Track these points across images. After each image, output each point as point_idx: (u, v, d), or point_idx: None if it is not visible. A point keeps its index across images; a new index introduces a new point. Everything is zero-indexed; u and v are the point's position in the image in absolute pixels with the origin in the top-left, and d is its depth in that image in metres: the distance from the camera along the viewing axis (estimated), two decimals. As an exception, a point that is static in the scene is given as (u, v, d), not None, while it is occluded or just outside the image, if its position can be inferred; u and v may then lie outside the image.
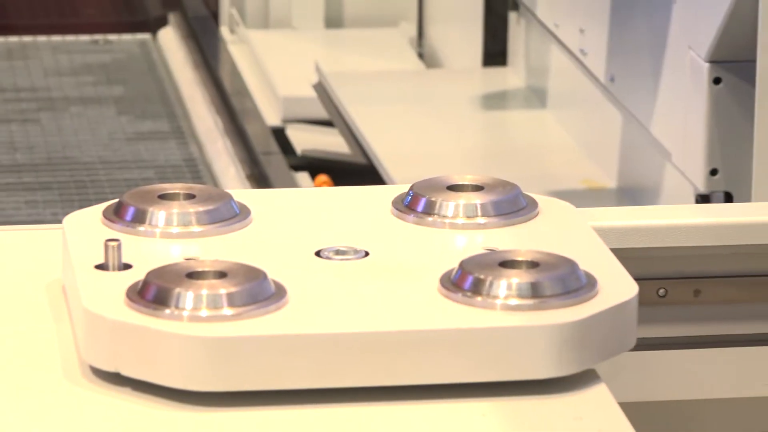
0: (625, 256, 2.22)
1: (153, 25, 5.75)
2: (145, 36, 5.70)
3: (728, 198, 3.30)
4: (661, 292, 2.49)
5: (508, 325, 2.03)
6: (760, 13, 2.93)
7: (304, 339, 2.01)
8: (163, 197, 2.27)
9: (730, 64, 3.26)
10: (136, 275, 2.07)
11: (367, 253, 2.20)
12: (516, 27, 4.73)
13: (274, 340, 2.00)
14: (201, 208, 2.26)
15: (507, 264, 2.09)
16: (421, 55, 5.33)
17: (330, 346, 2.01)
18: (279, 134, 4.74)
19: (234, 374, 1.99)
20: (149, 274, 2.06)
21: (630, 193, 3.86)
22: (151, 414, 1.98)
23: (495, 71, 4.83)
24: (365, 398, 2.01)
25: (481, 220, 2.28)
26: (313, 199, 2.68)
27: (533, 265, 2.09)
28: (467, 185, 2.32)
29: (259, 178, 4.42)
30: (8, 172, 4.74)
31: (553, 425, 1.98)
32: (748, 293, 2.55)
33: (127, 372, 2.02)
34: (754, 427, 2.55)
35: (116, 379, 2.03)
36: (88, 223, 2.24)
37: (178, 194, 2.28)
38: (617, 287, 2.11)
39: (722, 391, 2.53)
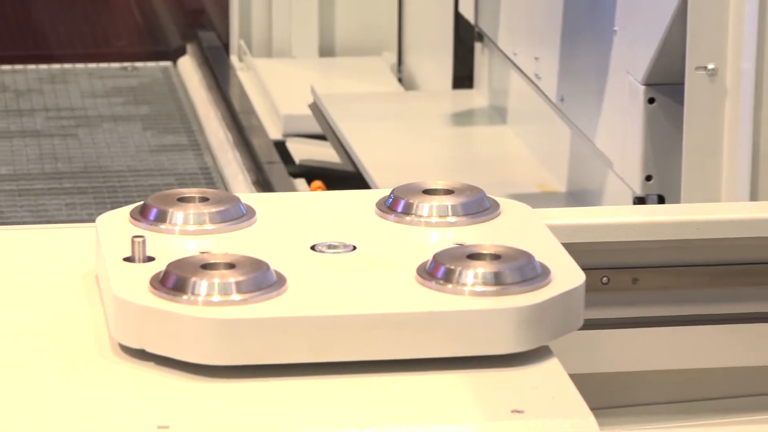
0: (573, 249, 2.22)
1: (173, 55, 5.74)
2: (167, 64, 5.70)
3: (661, 200, 3.30)
4: (604, 279, 2.49)
5: (475, 308, 2.04)
6: (688, 44, 2.93)
7: (301, 320, 2.02)
8: (182, 200, 2.27)
9: (662, 87, 3.27)
10: (158, 266, 2.08)
11: (354, 248, 2.20)
12: (480, 55, 4.72)
13: (276, 322, 2.01)
14: (213, 209, 2.26)
15: (473, 256, 2.10)
16: (400, 80, 5.33)
17: (323, 326, 2.02)
18: (280, 146, 4.74)
19: (241, 350, 2.00)
20: (169, 265, 2.06)
21: (577, 196, 3.85)
22: (171, 384, 1.98)
23: (463, 93, 4.82)
24: (353, 371, 2.01)
25: (452, 219, 2.28)
26: (308, 202, 2.68)
27: (496, 257, 2.10)
28: (439, 189, 2.32)
29: (263, 184, 4.42)
30: (51, 179, 4.73)
31: (513, 394, 1.97)
32: (679, 281, 2.55)
33: (150, 349, 2.02)
34: (684, 395, 2.55)
35: (141, 354, 2.03)
36: (117, 222, 2.24)
37: (194, 197, 2.28)
38: (567, 276, 2.12)
39: (656, 364, 2.53)
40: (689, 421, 2.51)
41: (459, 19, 4.74)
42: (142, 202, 2.28)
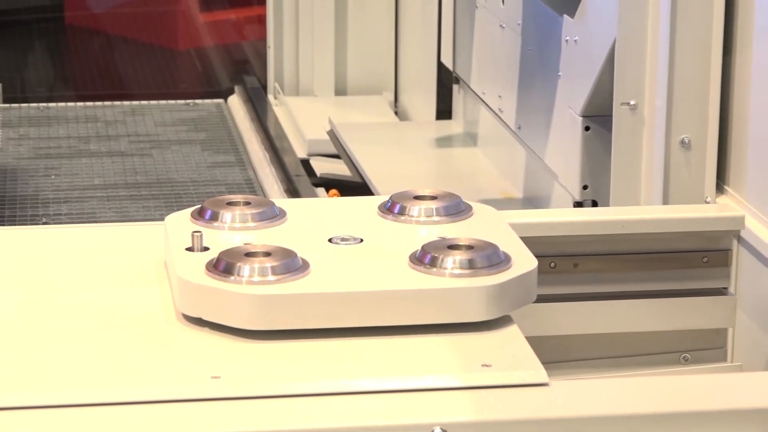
0: (528, 241, 2.21)
1: (224, 94, 5.72)
2: (220, 101, 5.66)
3: (594, 204, 3.28)
4: (552, 264, 2.47)
5: (453, 286, 2.03)
6: (615, 85, 2.91)
7: (321, 296, 2.01)
8: (230, 204, 2.26)
9: (595, 118, 3.25)
10: (212, 254, 2.07)
11: (362, 240, 2.19)
12: (457, 94, 4.70)
13: (301, 297, 2.01)
14: (254, 211, 2.25)
15: (452, 247, 2.09)
16: (396, 113, 5.30)
17: (338, 300, 2.01)
18: (305, 163, 4.71)
19: (275, 319, 1.99)
20: (220, 253, 2.05)
21: (531, 201, 3.83)
22: (221, 344, 1.98)
23: (444, 123, 4.80)
24: (361, 334, 2.00)
25: (436, 218, 2.27)
26: (327, 206, 2.67)
27: (469, 247, 2.09)
28: (426, 196, 2.30)
29: (292, 192, 4.39)
30: (132, 188, 4.71)
31: (483, 352, 1.96)
32: (608, 266, 2.53)
33: (206, 317, 2.01)
34: (612, 352, 2.53)
35: (198, 322, 2.02)
36: (181, 221, 2.22)
37: (239, 202, 2.27)
38: (523, 262, 2.10)
39: (591, 329, 2.52)
40: (616, 372, 2.50)
41: (441, 66, 4.71)
42: (200, 206, 2.27)
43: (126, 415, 1.82)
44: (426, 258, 2.08)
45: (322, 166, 4.70)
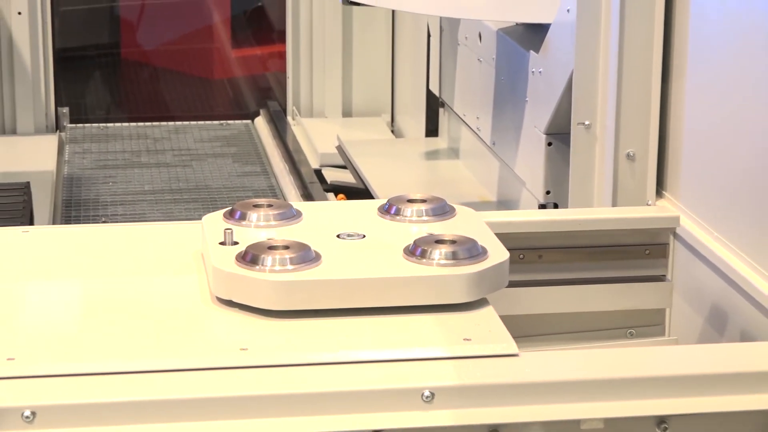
0: (501, 237, 2.19)
1: (252, 116, 5.70)
2: (248, 121, 5.65)
3: (556, 206, 3.27)
4: (521, 256, 2.46)
5: (440, 274, 2.02)
6: (573, 108, 2.91)
7: (330, 282, 2.00)
8: (256, 206, 2.25)
9: (556, 135, 3.25)
10: (241, 248, 2.06)
11: (364, 236, 2.18)
12: (443, 116, 4.69)
13: (314, 283, 2.00)
14: (275, 212, 2.24)
15: (439, 241, 2.08)
16: (392, 131, 5.29)
17: (345, 285, 2.00)
18: (318, 173, 4.70)
19: (293, 301, 1.98)
20: (248, 247, 2.04)
21: (503, 204, 3.82)
22: (248, 322, 1.97)
23: (432, 140, 4.78)
24: (364, 314, 1.99)
25: (425, 218, 2.26)
26: (335, 207, 2.67)
27: (453, 242, 2.08)
28: (417, 199, 2.29)
29: (307, 196, 4.38)
30: (175, 193, 4.70)
31: (464, 328, 1.96)
32: (567, 257, 2.52)
33: (236, 299, 2.00)
34: (571, 328, 2.52)
35: (230, 303, 2.01)
36: (215, 220, 2.21)
37: (263, 204, 2.26)
38: (497, 254, 2.09)
39: (553, 309, 2.51)
40: (574, 345, 2.49)
41: (429, 93, 4.71)
42: (231, 207, 2.26)
43: (169, 381, 1.82)
44: (417, 251, 2.07)
45: (332, 175, 4.69)
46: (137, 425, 1.77)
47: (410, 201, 2.29)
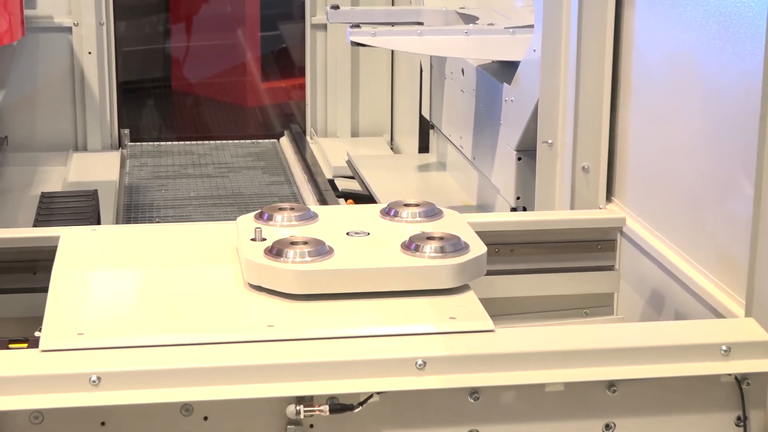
0: (480, 234, 2.18)
1: (278, 136, 5.69)
2: (275, 140, 5.65)
3: (524, 209, 3.27)
4: (496, 249, 2.45)
5: (430, 264, 2.01)
6: (538, 128, 2.90)
7: (342, 271, 1.99)
8: (280, 209, 2.24)
9: (525, 151, 3.24)
10: (268, 243, 2.04)
11: (369, 234, 2.16)
12: (432, 136, 4.69)
13: (328, 272, 1.98)
14: (296, 214, 2.23)
15: (430, 238, 2.07)
16: (392, 148, 5.29)
17: (353, 273, 1.99)
18: (331, 182, 4.69)
19: (310, 286, 1.97)
20: (274, 242, 2.03)
21: (482, 207, 3.82)
22: (274, 304, 1.96)
23: (423, 155, 4.78)
24: (368, 297, 1.98)
25: (418, 219, 2.24)
26: (345, 210, 2.65)
27: (441, 238, 2.07)
28: (412, 203, 2.28)
29: (323, 201, 4.37)
30: (215, 198, 4.71)
31: (450, 308, 1.95)
32: (534, 250, 2.51)
33: (264, 285, 1.99)
34: (536, 308, 2.51)
35: (259, 288, 2.00)
36: (247, 220, 2.20)
37: (286, 208, 2.25)
38: (477, 248, 2.08)
39: (522, 293, 2.50)
40: (539, 322, 2.48)
41: (422, 117, 4.72)
42: (260, 210, 2.25)
43: (209, 351, 1.81)
44: (412, 245, 2.06)
45: (343, 184, 4.69)
46: (184, 388, 1.76)
47: (406, 205, 2.28)
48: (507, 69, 3.45)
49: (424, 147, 4.82)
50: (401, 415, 1.84)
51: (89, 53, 5.16)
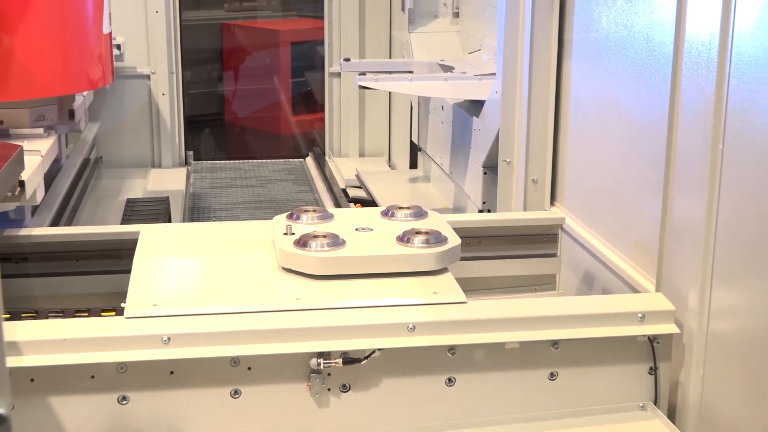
0: (456, 230, 2.17)
1: (304, 156, 5.67)
2: (302, 159, 5.62)
3: (489, 211, 3.25)
4: (468, 241, 2.43)
5: (419, 252, 1.99)
6: (500, 149, 2.88)
7: (352, 257, 1.97)
8: (305, 211, 2.22)
9: (489, 167, 3.23)
10: (296, 236, 2.03)
11: (372, 229, 2.15)
12: (420, 156, 4.68)
13: (342, 257, 1.97)
14: (317, 215, 2.21)
15: (418, 233, 2.06)
16: (389, 165, 5.27)
17: (360, 259, 1.97)
18: (344, 191, 4.67)
19: (328, 269, 1.95)
20: (300, 236, 2.02)
21: (457, 210, 3.80)
22: (301, 282, 1.94)
23: (413, 171, 4.76)
24: (372, 277, 1.96)
25: (409, 218, 2.23)
26: (354, 212, 2.63)
27: (427, 233, 2.05)
28: (404, 207, 2.27)
29: (337, 205, 4.35)
30: (257, 203, 4.68)
31: (433, 286, 1.93)
32: (495, 241, 2.50)
33: (293, 268, 1.98)
34: (495, 286, 2.50)
35: (289, 271, 1.98)
36: (281, 219, 2.19)
37: (310, 210, 2.23)
38: (453, 240, 2.07)
39: (487, 273, 2.49)
40: (500, 296, 2.46)
41: (412, 142, 4.71)
42: (290, 212, 2.23)
43: (251, 318, 1.79)
44: (404, 238, 2.04)
45: (352, 192, 4.67)
46: (233, 346, 1.75)
47: (400, 208, 2.27)
48: (475, 106, 3.44)
49: (413, 164, 4.81)
50: (396, 366, 1.83)
51: (163, 94, 5.17)
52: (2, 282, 2.25)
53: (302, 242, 2.00)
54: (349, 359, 1.78)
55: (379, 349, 1.79)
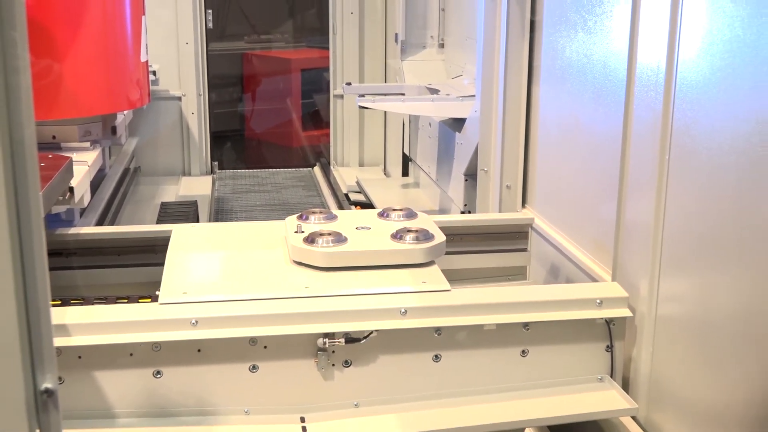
0: (442, 228, 2.16)
1: (312, 166, 5.66)
2: (310, 168, 5.61)
3: (470, 212, 3.24)
4: (451, 238, 2.42)
5: (410, 248, 1.98)
6: (479, 159, 2.88)
7: (353, 252, 1.95)
8: (313, 212, 2.21)
9: (470, 175, 3.22)
10: (305, 234, 2.01)
11: (370, 228, 2.14)
12: (411, 165, 4.67)
13: (344, 253, 1.95)
14: (323, 216, 2.20)
15: (409, 231, 2.04)
16: (385, 173, 5.26)
17: (360, 253, 1.95)
18: (346, 195, 4.66)
19: (333, 262, 1.94)
20: (309, 233, 2.00)
21: (443, 211, 3.79)
22: (310, 273, 1.92)
23: (405, 178, 4.74)
24: (370, 269, 1.95)
25: (402, 219, 2.22)
26: (355, 213, 2.61)
27: (417, 231, 2.04)
28: (398, 209, 2.26)
29: (341, 207, 4.34)
30: (272, 206, 4.66)
31: (422, 276, 1.92)
32: (475, 238, 2.49)
33: (303, 261, 1.96)
34: (474, 276, 2.49)
35: (299, 264, 1.96)
36: (292, 219, 2.18)
37: (317, 212, 2.22)
38: (439, 237, 2.05)
39: (466, 265, 2.49)
40: (479, 284, 2.45)
41: (404, 153, 4.69)
42: (300, 213, 2.22)
43: (266, 303, 1.78)
44: (398, 235, 2.03)
45: (354, 196, 4.66)
46: (251, 327, 1.74)
47: (394, 210, 2.26)
48: (458, 123, 3.43)
49: (405, 172, 4.80)
50: (390, 345, 1.82)
51: (192, 113, 5.17)
52: (54, 274, 2.25)
53: (310, 239, 1.99)
54: (351, 339, 1.77)
55: (375, 330, 1.78)
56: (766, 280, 1.49)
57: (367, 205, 4.30)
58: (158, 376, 1.74)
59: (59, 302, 1.97)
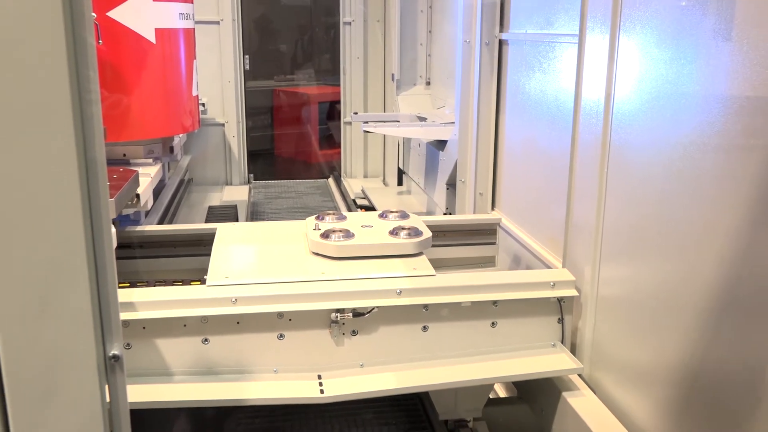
0: (429, 227, 2.14)
1: (327, 177, 5.64)
2: (325, 180, 5.59)
3: (451, 214, 3.23)
4: (436, 234, 2.41)
5: (404, 242, 1.96)
6: (458, 173, 2.86)
7: (360, 245, 1.93)
8: (327, 214, 2.20)
9: (450, 184, 3.21)
10: (321, 231, 2.00)
11: (372, 226, 2.12)
12: (405, 177, 4.65)
13: (353, 245, 1.93)
14: (336, 216, 2.19)
15: (403, 228, 2.02)
16: (384, 183, 5.24)
17: (365, 246, 1.94)
18: (354, 200, 4.65)
19: (344, 253, 1.92)
20: (324, 230, 1.99)
21: (430, 213, 3.77)
22: (326, 262, 1.91)
23: (400, 187, 4.74)
24: (372, 258, 1.93)
25: (398, 219, 2.20)
26: (361, 215, 2.60)
27: (409, 228, 2.02)
28: (394, 211, 2.24)
29: (349, 210, 4.32)
30: (294, 209, 4.64)
31: (413, 264, 1.90)
32: (456, 234, 2.48)
33: (320, 252, 1.95)
34: (455, 264, 2.47)
35: (317, 254, 1.95)
36: (311, 220, 2.16)
37: (331, 213, 2.21)
38: (427, 233, 2.04)
39: (451, 255, 2.47)
40: (458, 270, 2.43)
41: (399, 168, 4.68)
42: (317, 214, 2.21)
43: (291, 285, 1.76)
44: (394, 232, 2.02)
45: (360, 201, 4.64)
46: (279, 304, 1.73)
47: (391, 212, 2.25)
48: (441, 143, 3.42)
49: (400, 182, 4.78)
50: (388, 318, 1.80)
51: (233, 136, 5.17)
52: (123, 262, 2.24)
53: (326, 235, 1.98)
54: (357, 314, 1.75)
55: (377, 307, 1.77)
56: (680, 267, 1.49)
57: (370, 208, 4.28)
58: (206, 342, 1.73)
59: (127, 284, 1.97)
